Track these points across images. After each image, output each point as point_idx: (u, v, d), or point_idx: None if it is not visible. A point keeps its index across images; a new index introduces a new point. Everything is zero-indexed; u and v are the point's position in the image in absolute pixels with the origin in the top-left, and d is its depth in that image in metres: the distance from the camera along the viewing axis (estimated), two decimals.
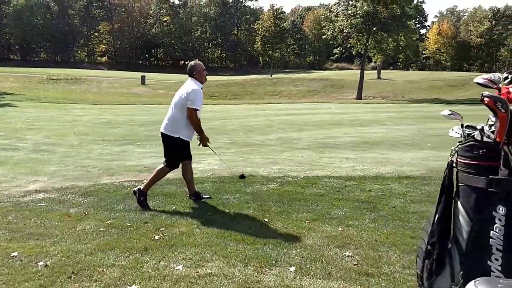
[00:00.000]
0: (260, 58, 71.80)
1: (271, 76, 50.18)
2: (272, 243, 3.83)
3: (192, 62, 5.33)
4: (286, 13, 72.23)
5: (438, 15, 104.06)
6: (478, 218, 2.17)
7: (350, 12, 34.50)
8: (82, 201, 5.21)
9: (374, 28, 35.10)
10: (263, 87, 39.33)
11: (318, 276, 3.18)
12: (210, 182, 6.19)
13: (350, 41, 36.96)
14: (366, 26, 34.84)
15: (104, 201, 5.21)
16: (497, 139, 2.20)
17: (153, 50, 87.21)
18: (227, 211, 4.86)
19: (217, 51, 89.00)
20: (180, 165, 5.18)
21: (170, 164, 5.11)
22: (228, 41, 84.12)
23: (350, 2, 35.63)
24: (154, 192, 5.38)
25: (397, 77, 47.41)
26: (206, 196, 5.37)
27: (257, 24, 59.11)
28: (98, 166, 7.56)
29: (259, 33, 57.36)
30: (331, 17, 37.78)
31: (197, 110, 4.89)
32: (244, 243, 3.84)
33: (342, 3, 36.97)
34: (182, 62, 77.78)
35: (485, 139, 2.30)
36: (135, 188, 5.09)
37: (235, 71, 75.00)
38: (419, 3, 37.17)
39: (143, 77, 41.40)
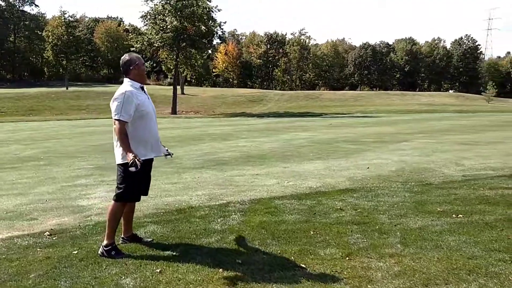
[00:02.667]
0: (45, 69, 63.24)
1: (67, 88, 44.80)
2: None
3: (126, 55, 3.98)
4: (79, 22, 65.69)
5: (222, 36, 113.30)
6: None
7: (160, 26, 33.86)
8: None
9: (184, 44, 35.45)
10: (64, 101, 34.68)
11: None
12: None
13: (159, 56, 36.30)
14: (176, 41, 34.86)
15: None
16: None
17: None
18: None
19: None
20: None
21: (122, 198, 3.88)
22: (3, 48, 71.17)
23: (159, 16, 34.99)
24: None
25: (199, 93, 49.11)
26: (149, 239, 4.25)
27: (46, 31, 51.78)
28: None
29: (50, 41, 50.36)
30: (139, 29, 36.31)
31: (123, 121, 3.71)
32: None
33: (149, 17, 35.98)
34: None
35: None
36: (99, 250, 3.79)
37: (14, 82, 63.91)
38: (222, 23, 39.41)
39: None
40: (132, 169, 3.61)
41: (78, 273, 3.46)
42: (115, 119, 3.72)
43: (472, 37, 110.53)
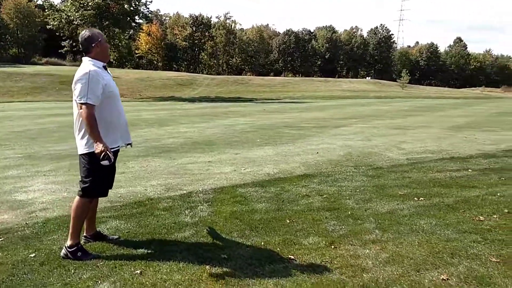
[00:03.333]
0: None
1: None
2: None
3: (87, 31, 3.47)
4: None
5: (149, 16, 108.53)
6: None
7: (80, 2, 31.31)
8: None
9: (106, 23, 33.25)
10: None
11: None
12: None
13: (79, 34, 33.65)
14: (98, 20, 32.57)
15: None
16: None
17: None
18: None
19: None
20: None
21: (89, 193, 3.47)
22: None
23: None
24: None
25: (122, 75, 46.62)
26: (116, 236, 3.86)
27: None
28: None
29: None
30: (56, 5, 33.28)
31: (91, 105, 3.23)
32: None
33: None
34: None
35: None
36: (62, 252, 3.41)
37: None
38: (148, 2, 37.46)
39: None
40: (105, 162, 3.20)
41: (43, 280, 3.02)
42: (81, 103, 3.24)
43: (386, 27, 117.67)
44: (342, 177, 6.24)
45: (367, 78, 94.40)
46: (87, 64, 3.37)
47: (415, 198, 5.14)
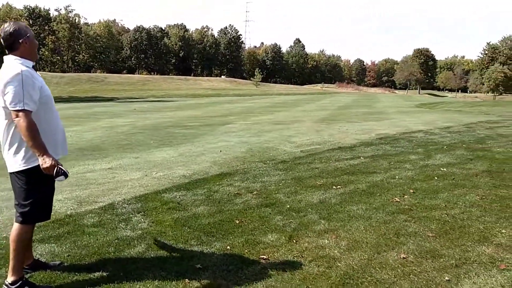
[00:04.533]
0: None
1: None
2: None
3: (12, 24, 2.84)
4: None
5: None
6: None
7: None
8: None
9: None
10: None
11: None
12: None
13: None
14: None
15: None
16: None
17: None
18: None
19: None
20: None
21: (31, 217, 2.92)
22: None
23: None
24: None
25: None
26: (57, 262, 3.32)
27: None
28: None
29: None
30: None
31: (27, 111, 2.68)
32: None
33: None
34: None
35: None
36: None
37: None
38: None
39: None
40: (61, 178, 2.72)
41: None
42: (17, 110, 2.67)
43: (234, 27, 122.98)
44: (259, 173, 6.40)
45: (222, 76, 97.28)
46: (15, 64, 2.79)
47: (333, 187, 5.59)
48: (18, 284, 2.79)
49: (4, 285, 2.80)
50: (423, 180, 6.01)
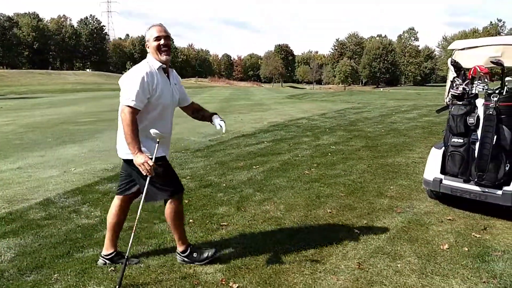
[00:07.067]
0: None
1: None
2: None
3: (147, 30, 3.05)
4: None
5: None
6: None
7: None
8: None
9: None
10: None
11: None
12: None
13: None
14: None
15: None
16: None
17: None
18: None
19: None
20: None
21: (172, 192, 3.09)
22: None
23: None
24: None
25: None
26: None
27: None
28: None
29: None
30: None
31: (133, 108, 2.78)
32: None
33: None
34: None
35: None
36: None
37: None
38: None
39: None
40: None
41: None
42: (125, 106, 2.84)
43: (96, 18, 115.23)
44: (183, 161, 6.86)
45: (87, 70, 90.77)
46: (150, 61, 2.97)
47: (254, 167, 6.40)
48: (189, 251, 3.16)
49: (178, 255, 3.19)
50: (320, 156, 7.20)
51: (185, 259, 3.16)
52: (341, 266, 3.13)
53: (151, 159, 2.81)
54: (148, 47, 2.98)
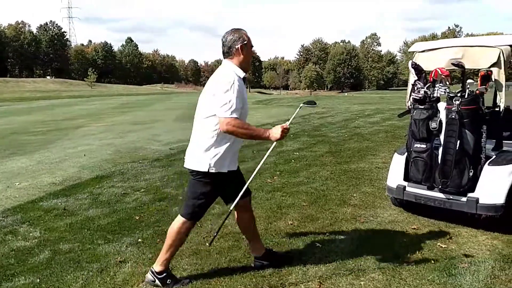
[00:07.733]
0: None
1: None
2: None
3: (231, 30, 2.92)
4: None
5: None
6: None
7: None
8: None
9: None
10: None
11: None
12: None
13: None
14: None
15: None
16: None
17: None
18: None
19: None
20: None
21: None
22: None
23: None
24: None
25: None
26: None
27: None
28: None
29: None
30: None
31: (236, 118, 2.72)
32: None
33: None
34: None
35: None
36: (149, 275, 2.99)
37: None
38: None
39: None
40: None
41: None
42: (228, 118, 2.72)
43: (57, 24, 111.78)
44: (139, 172, 6.48)
45: (48, 77, 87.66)
46: (235, 68, 2.87)
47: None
48: (163, 275, 2.95)
49: (150, 273, 2.98)
50: (284, 163, 6.99)
51: (157, 280, 2.94)
52: (300, 287, 2.88)
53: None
54: (235, 51, 2.84)
